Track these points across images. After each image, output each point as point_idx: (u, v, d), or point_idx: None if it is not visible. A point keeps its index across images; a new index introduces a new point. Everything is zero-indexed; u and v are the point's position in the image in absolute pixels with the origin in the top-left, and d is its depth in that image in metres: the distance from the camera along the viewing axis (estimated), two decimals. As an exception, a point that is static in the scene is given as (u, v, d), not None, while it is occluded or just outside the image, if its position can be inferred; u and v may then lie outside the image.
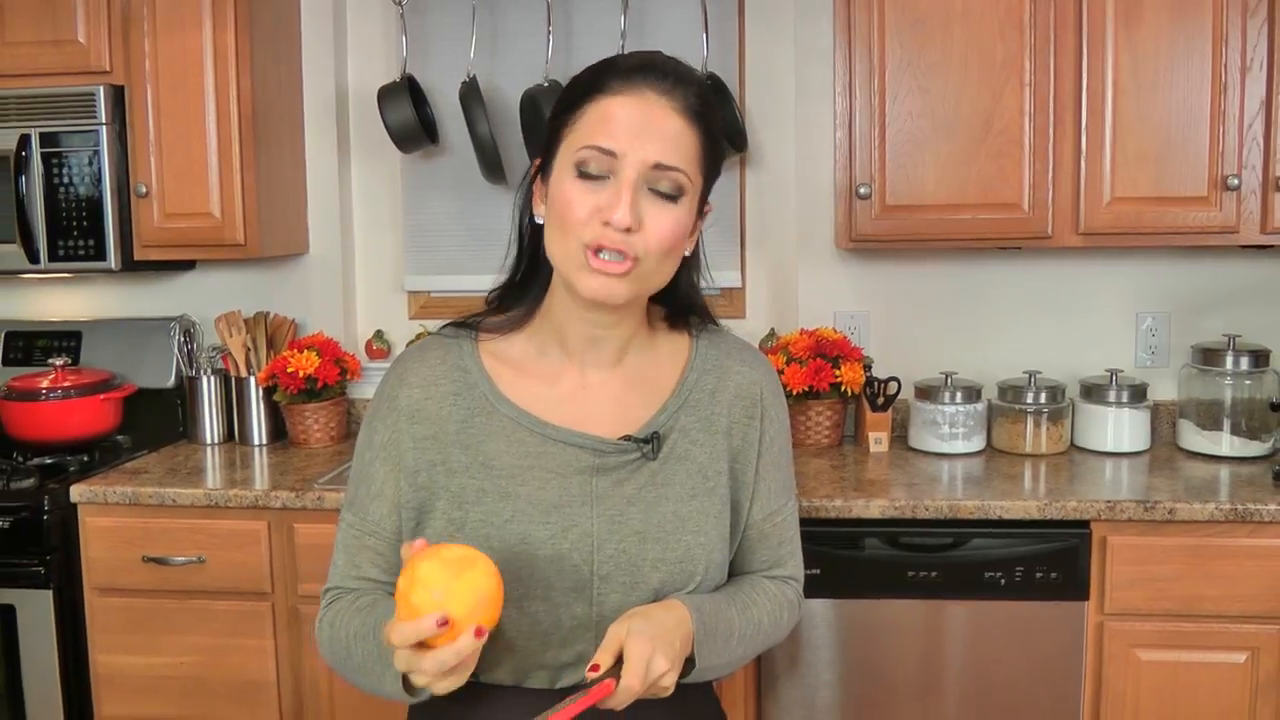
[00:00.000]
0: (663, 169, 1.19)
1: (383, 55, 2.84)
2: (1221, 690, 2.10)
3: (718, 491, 1.31)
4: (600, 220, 1.18)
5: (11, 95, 2.52)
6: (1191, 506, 2.07)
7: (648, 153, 1.18)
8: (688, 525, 1.27)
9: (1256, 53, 2.26)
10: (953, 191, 2.35)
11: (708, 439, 1.31)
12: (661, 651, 1.13)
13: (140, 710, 2.34)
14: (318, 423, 2.68)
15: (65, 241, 2.55)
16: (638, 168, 1.18)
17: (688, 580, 1.27)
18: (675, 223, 1.21)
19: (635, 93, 1.20)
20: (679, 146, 1.21)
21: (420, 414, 1.29)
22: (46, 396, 2.60)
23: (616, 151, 1.18)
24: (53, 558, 2.29)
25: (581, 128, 1.21)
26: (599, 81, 1.22)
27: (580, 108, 1.22)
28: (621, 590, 1.24)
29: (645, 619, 1.17)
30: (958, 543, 2.12)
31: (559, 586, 1.23)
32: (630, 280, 1.20)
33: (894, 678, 2.15)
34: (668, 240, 1.21)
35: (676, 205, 1.21)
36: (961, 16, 2.32)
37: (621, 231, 1.17)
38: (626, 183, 1.18)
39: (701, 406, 1.32)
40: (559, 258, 1.22)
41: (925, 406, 2.52)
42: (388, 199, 2.90)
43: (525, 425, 1.27)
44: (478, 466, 1.26)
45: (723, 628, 1.26)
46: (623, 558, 1.25)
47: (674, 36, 2.69)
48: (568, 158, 1.21)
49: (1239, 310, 2.65)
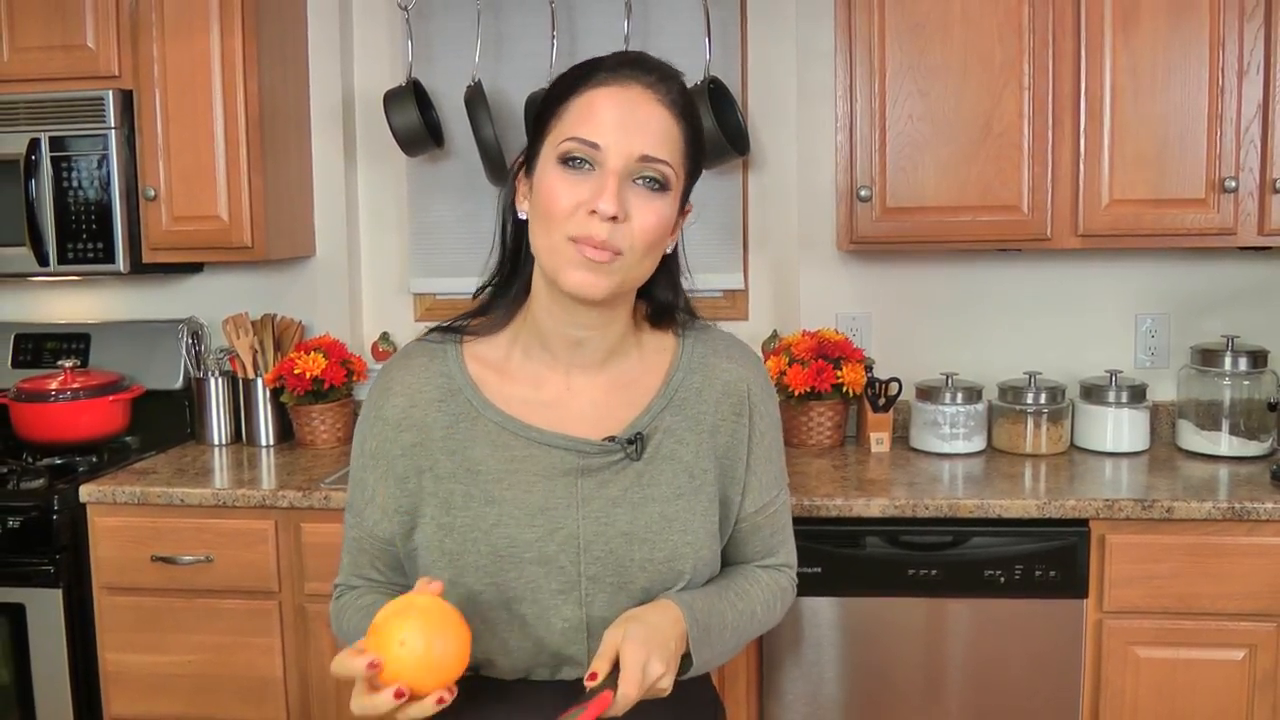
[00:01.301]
0: (648, 160, 1.18)
1: (388, 59, 2.86)
2: (1219, 687, 2.11)
3: (704, 490, 1.30)
4: (585, 211, 1.16)
5: (21, 100, 2.55)
6: (1190, 505, 2.08)
7: (633, 144, 1.17)
8: (674, 525, 1.26)
9: (1254, 56, 2.27)
10: (953, 194, 2.37)
11: (694, 438, 1.30)
12: (657, 655, 1.13)
13: (148, 708, 2.36)
14: (324, 423, 2.71)
15: (74, 244, 2.57)
16: (623, 158, 1.17)
17: (676, 579, 1.26)
18: (659, 216, 1.20)
19: (621, 84, 1.20)
20: (665, 139, 1.20)
21: (406, 422, 1.29)
22: (56, 398, 2.63)
23: (601, 144, 1.17)
24: (62, 557, 2.31)
25: (566, 119, 1.20)
26: (584, 74, 1.21)
27: (565, 101, 1.21)
28: (610, 591, 1.24)
29: (640, 623, 1.16)
30: (958, 541, 2.13)
31: (547, 589, 1.23)
32: (612, 273, 1.19)
33: (895, 675, 2.17)
34: (652, 233, 1.20)
35: (661, 198, 1.20)
36: (961, 20, 2.34)
37: (607, 221, 1.16)
38: (612, 172, 1.17)
39: (688, 405, 1.31)
40: (543, 251, 1.21)
41: (926, 407, 2.54)
42: (393, 202, 2.93)
43: (509, 429, 1.27)
44: (464, 472, 1.26)
45: (715, 622, 1.26)
46: (610, 559, 1.24)
47: (676, 40, 2.71)
48: (551, 150, 1.20)
49: (1237, 311, 2.66)
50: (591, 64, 1.23)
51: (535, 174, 1.23)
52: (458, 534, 1.24)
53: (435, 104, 2.79)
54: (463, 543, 1.24)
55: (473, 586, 1.24)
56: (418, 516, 1.28)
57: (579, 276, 1.18)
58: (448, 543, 1.25)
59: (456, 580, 1.24)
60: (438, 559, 1.25)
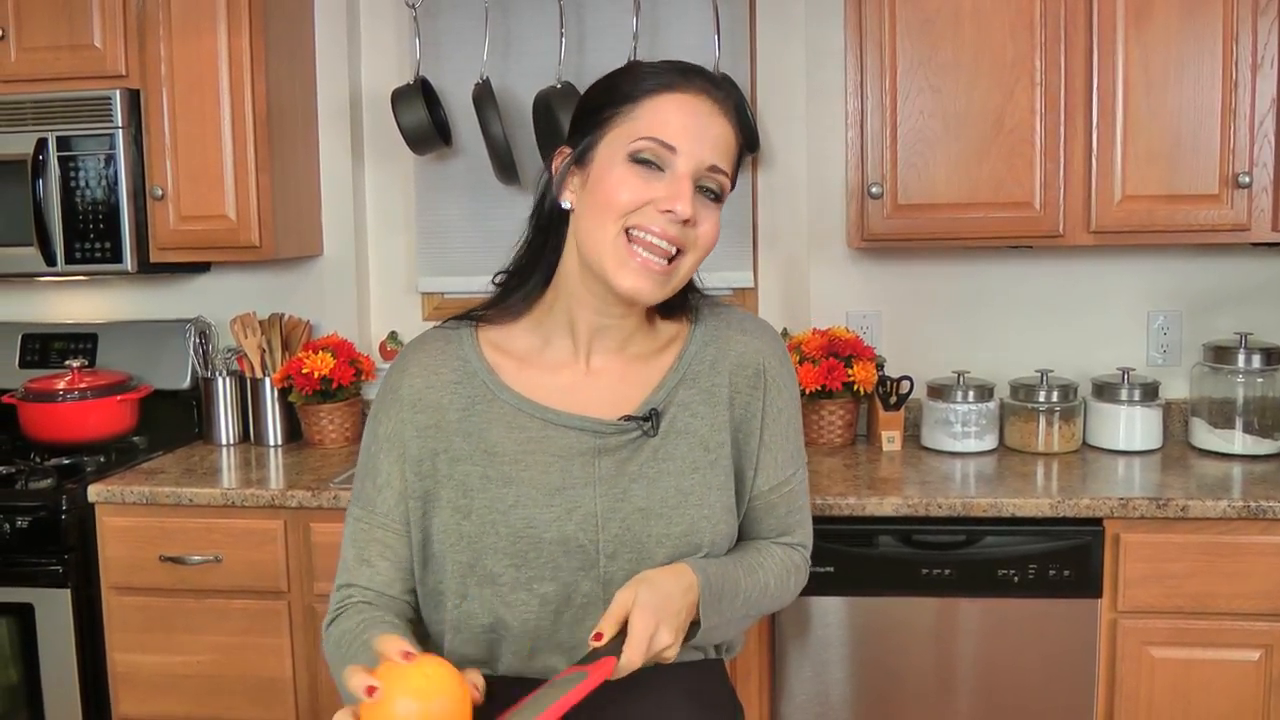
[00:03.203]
0: (715, 170, 1.23)
1: (396, 58, 2.85)
2: (1234, 687, 2.09)
3: (720, 463, 1.32)
4: (656, 209, 1.20)
5: (28, 100, 2.54)
6: (1204, 504, 2.07)
7: (704, 153, 1.22)
8: (690, 499, 1.29)
9: (1267, 50, 2.25)
10: (964, 190, 2.36)
11: (709, 411, 1.33)
12: (666, 624, 1.15)
13: (157, 708, 2.36)
14: (332, 423, 2.70)
15: (82, 244, 2.57)
16: (695, 164, 1.21)
17: (693, 552, 1.29)
18: (716, 225, 1.27)
19: (694, 93, 1.24)
20: (727, 150, 1.25)
21: (422, 403, 1.31)
22: (64, 398, 2.62)
23: (678, 147, 1.21)
24: (70, 557, 2.31)
25: (640, 117, 1.22)
26: (656, 79, 1.24)
27: (637, 100, 1.23)
28: (629, 566, 1.26)
29: (652, 589, 1.18)
30: (970, 540, 2.12)
31: (566, 566, 1.25)
32: (669, 282, 1.24)
33: (907, 675, 2.16)
34: (712, 240, 1.26)
35: (718, 208, 1.26)
36: (972, 16, 2.32)
37: (680, 224, 1.20)
38: (685, 176, 1.21)
39: (702, 378, 1.34)
40: (594, 243, 1.23)
41: (937, 405, 2.52)
42: (401, 200, 2.92)
43: (525, 411, 1.29)
44: (480, 454, 1.28)
45: (729, 589, 1.28)
46: (627, 535, 1.27)
47: (686, 38, 2.70)
48: (619, 146, 1.22)
49: (1251, 308, 2.64)
50: (655, 68, 1.26)
51: (594, 167, 1.25)
52: (476, 516, 1.26)
53: (443, 102, 2.79)
54: (481, 525, 1.26)
55: (492, 568, 1.26)
56: (433, 501, 1.29)
57: (636, 283, 1.22)
58: (465, 526, 1.27)
59: (475, 563, 1.26)
60: (455, 543, 1.27)
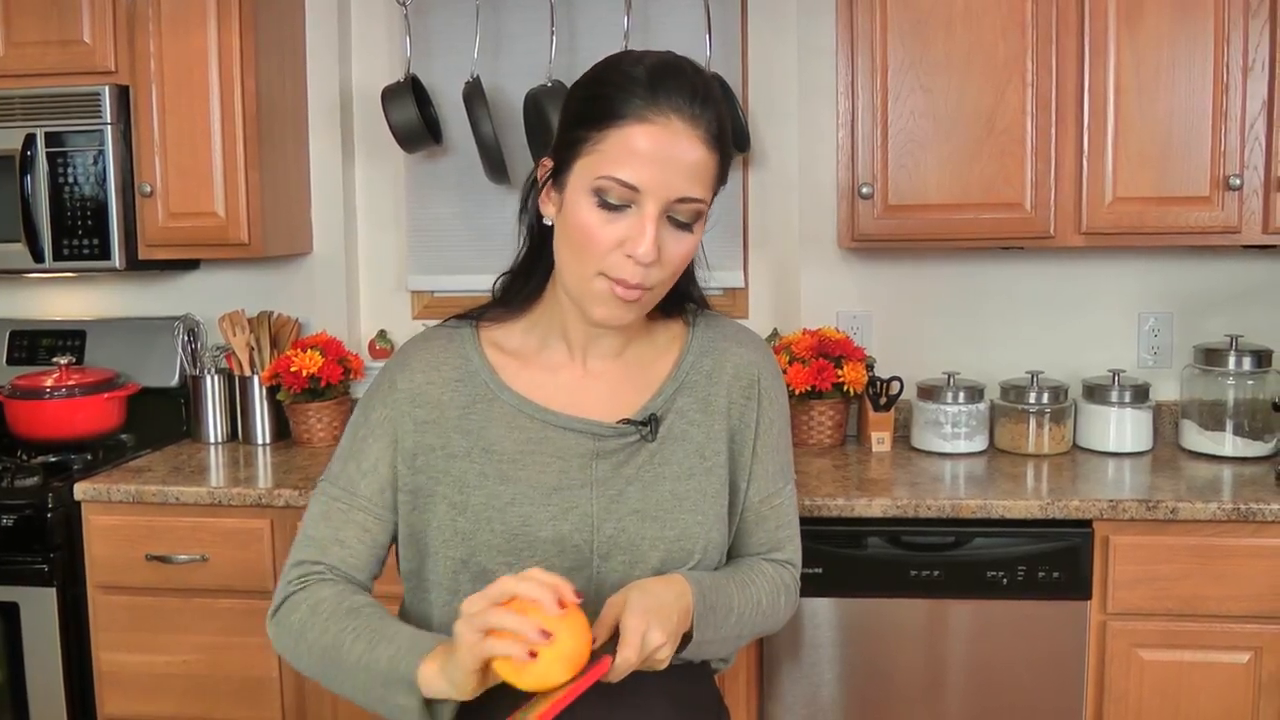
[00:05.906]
0: (685, 201, 1.19)
1: (386, 55, 2.84)
2: (1224, 690, 2.09)
3: (715, 471, 1.33)
4: (622, 252, 1.18)
5: (17, 95, 2.53)
6: (1194, 506, 2.06)
7: (671, 186, 1.17)
8: (685, 504, 1.30)
9: (1258, 53, 2.26)
10: (955, 191, 2.36)
11: (705, 419, 1.34)
12: (658, 625, 1.14)
13: (143, 708, 2.34)
14: (321, 422, 2.69)
15: (70, 241, 2.55)
16: (661, 201, 1.17)
17: (686, 558, 1.29)
18: (689, 248, 1.24)
19: (662, 121, 1.16)
20: (701, 176, 1.20)
21: (421, 398, 1.31)
22: (51, 395, 2.61)
23: (640, 187, 1.16)
24: (56, 556, 2.29)
25: (604, 151, 1.17)
26: (624, 103, 1.17)
27: (603, 129, 1.18)
28: (622, 569, 1.27)
29: (643, 592, 1.18)
30: (960, 542, 2.12)
31: (559, 566, 1.25)
32: (640, 307, 1.23)
33: (896, 677, 2.15)
34: (680, 265, 1.24)
35: (692, 232, 1.22)
36: (963, 16, 2.32)
37: (644, 265, 1.18)
38: (649, 217, 1.17)
39: (699, 388, 1.35)
40: (572, 279, 1.23)
41: (928, 406, 2.52)
42: (391, 199, 2.91)
43: (525, 412, 1.30)
44: (479, 452, 1.29)
45: (722, 603, 1.28)
46: (621, 537, 1.27)
47: (677, 37, 2.70)
48: (585, 180, 1.18)
49: (1241, 310, 2.64)
50: (629, 82, 1.18)
51: (566, 194, 1.22)
52: (472, 513, 1.27)
53: (434, 100, 2.78)
54: (476, 521, 1.27)
55: (486, 565, 1.26)
56: (427, 497, 1.30)
57: (609, 312, 1.22)
58: (461, 522, 1.27)
59: (469, 559, 1.27)
60: (450, 539, 1.28)
